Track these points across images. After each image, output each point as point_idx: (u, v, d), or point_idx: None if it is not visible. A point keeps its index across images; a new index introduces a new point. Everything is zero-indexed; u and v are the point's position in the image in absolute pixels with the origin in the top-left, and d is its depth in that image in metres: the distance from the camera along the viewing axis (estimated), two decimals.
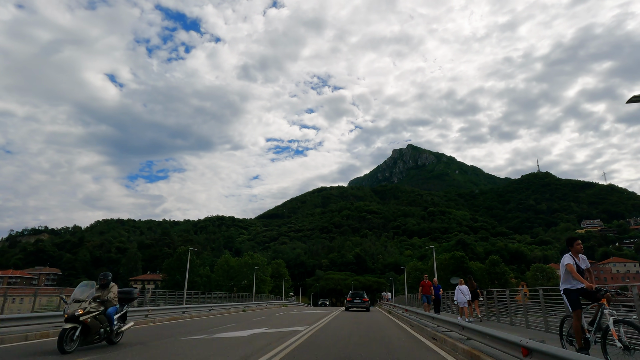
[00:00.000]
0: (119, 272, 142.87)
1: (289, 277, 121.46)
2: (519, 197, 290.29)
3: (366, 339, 11.55)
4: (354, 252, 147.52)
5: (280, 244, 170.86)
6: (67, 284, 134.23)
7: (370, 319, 23.64)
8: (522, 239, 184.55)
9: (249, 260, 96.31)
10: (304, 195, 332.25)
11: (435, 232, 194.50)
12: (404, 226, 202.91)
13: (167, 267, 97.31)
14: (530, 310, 14.15)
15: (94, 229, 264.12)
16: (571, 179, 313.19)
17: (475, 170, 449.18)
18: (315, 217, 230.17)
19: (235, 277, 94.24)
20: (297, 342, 10.54)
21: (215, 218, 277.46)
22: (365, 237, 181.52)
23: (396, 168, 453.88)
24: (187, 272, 46.25)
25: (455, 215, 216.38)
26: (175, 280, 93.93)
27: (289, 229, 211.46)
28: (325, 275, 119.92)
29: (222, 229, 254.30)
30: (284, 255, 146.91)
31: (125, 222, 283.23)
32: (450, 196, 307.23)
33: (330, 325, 17.56)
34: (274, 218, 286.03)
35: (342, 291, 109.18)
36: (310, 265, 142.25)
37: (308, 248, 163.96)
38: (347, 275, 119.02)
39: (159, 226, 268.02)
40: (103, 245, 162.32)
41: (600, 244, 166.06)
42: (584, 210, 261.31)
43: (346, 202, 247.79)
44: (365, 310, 33.36)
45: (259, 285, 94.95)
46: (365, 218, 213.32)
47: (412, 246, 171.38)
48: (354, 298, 34.21)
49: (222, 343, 10.55)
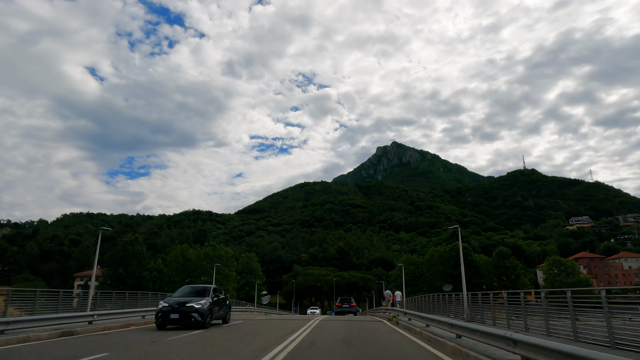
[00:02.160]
0: (66, 266, 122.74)
1: (261, 273, 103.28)
2: (506, 193, 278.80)
3: None
4: (336, 246, 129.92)
5: (257, 237, 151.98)
6: (4, 281, 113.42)
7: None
8: (515, 234, 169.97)
9: (210, 251, 77.81)
10: (286, 191, 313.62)
11: (424, 226, 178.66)
12: (390, 220, 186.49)
13: (109, 260, 78.07)
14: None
15: (60, 222, 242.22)
16: (557, 177, 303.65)
17: (459, 168, 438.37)
18: (296, 210, 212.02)
19: (193, 271, 75.65)
20: None
21: (191, 212, 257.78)
22: (350, 231, 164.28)
23: (380, 165, 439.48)
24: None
25: (443, 209, 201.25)
26: (118, 275, 74.85)
27: (268, 222, 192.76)
28: (303, 271, 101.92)
29: (198, 223, 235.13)
30: (258, 249, 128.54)
31: (95, 215, 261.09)
32: (436, 192, 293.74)
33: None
34: (254, 213, 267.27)
35: (323, 289, 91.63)
36: (288, 260, 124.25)
37: (287, 242, 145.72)
38: (329, 271, 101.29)
39: (131, 220, 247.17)
40: (56, 237, 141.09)
41: (600, 239, 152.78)
42: (572, 207, 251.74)
43: (329, 196, 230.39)
44: (353, 315, 33.96)
45: (222, 282, 76.61)
46: (350, 212, 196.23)
47: (399, 241, 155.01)
48: (343, 303, 35.80)
49: None
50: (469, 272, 74.29)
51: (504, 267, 75.03)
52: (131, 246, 77.22)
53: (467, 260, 74.22)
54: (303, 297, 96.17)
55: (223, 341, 11.61)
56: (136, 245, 77.89)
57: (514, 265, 75.13)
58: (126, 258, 76.24)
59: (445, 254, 77.07)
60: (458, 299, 20.42)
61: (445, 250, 77.61)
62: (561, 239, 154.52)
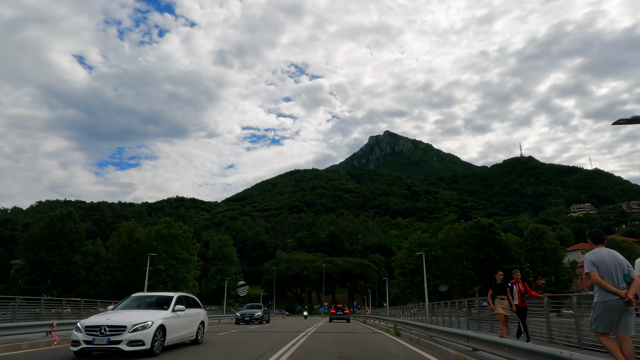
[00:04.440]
0: (13, 252, 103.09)
1: (237, 259, 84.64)
2: (503, 181, 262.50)
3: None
4: (327, 230, 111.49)
5: (238, 222, 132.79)
6: None
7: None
8: (521, 219, 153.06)
9: (164, 229, 58.98)
10: (275, 178, 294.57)
11: (422, 211, 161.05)
12: (385, 205, 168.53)
13: (30, 240, 58.89)
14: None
15: (34, 209, 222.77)
16: (555, 164, 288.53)
17: (452, 157, 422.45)
18: (284, 196, 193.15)
19: (141, 255, 57.01)
20: None
21: (175, 199, 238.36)
22: (342, 216, 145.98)
23: (373, 155, 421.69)
24: None
25: (442, 195, 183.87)
26: (39, 261, 55.80)
27: (254, 208, 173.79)
28: (287, 257, 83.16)
29: (181, 210, 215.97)
30: (238, 234, 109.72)
31: (72, 203, 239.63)
32: (431, 180, 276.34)
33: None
34: (241, 201, 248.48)
35: (310, 278, 73.32)
36: (272, 246, 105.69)
37: (271, 227, 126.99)
38: (318, 257, 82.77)
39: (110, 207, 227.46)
40: (8, 221, 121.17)
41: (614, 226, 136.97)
42: (572, 194, 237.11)
43: (320, 181, 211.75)
44: (347, 322, 33.51)
45: (177, 268, 58.06)
46: (342, 197, 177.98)
47: (397, 226, 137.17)
48: (337, 311, 35.42)
49: None
50: (498, 256, 56.51)
51: (540, 250, 57.25)
52: (60, 222, 58.05)
53: (495, 240, 56.33)
54: (286, 287, 77.92)
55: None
56: (67, 222, 58.66)
57: (553, 246, 57.37)
58: (53, 238, 57.12)
59: (465, 232, 59.10)
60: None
61: (465, 228, 59.62)
62: (574, 224, 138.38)
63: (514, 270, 10.78)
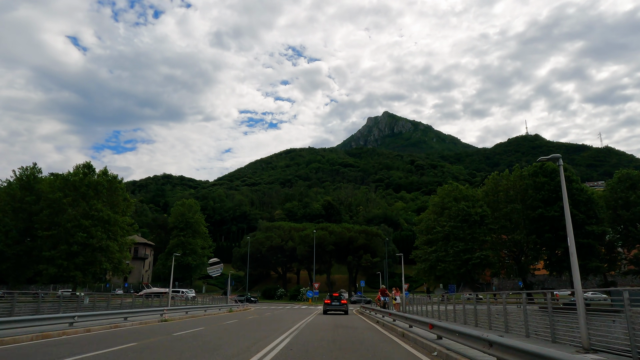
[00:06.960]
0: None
1: (206, 230, 64.52)
2: (509, 159, 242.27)
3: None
4: (323, 200, 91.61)
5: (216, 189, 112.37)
6: None
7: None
8: None
9: (75, 176, 38.79)
10: (270, 157, 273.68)
11: (428, 185, 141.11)
12: (387, 179, 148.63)
13: None
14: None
15: None
16: (562, 142, 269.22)
17: (452, 139, 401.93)
18: (277, 170, 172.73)
19: (40, 212, 36.94)
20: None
21: (161, 177, 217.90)
22: (339, 189, 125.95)
23: (371, 136, 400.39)
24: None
25: (449, 168, 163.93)
26: None
27: (242, 182, 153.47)
28: (269, 225, 62.61)
29: (167, 187, 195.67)
30: (216, 203, 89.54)
31: None
32: (432, 158, 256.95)
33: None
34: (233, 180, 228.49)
35: (297, 251, 53.27)
36: (255, 218, 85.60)
37: (258, 198, 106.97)
38: (309, 225, 62.52)
39: None
40: None
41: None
42: (583, 172, 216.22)
43: (316, 155, 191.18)
44: (344, 314, 27.79)
45: (93, 232, 37.92)
46: (339, 171, 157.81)
47: (402, 199, 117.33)
48: (333, 300, 29.27)
49: None
50: (580, 213, 36.59)
51: (634, 204, 37.33)
52: None
53: (573, 191, 35.96)
54: (268, 265, 57.94)
55: None
56: None
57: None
58: None
59: (521, 181, 39.01)
60: None
61: (523, 176, 39.51)
62: None
63: None
